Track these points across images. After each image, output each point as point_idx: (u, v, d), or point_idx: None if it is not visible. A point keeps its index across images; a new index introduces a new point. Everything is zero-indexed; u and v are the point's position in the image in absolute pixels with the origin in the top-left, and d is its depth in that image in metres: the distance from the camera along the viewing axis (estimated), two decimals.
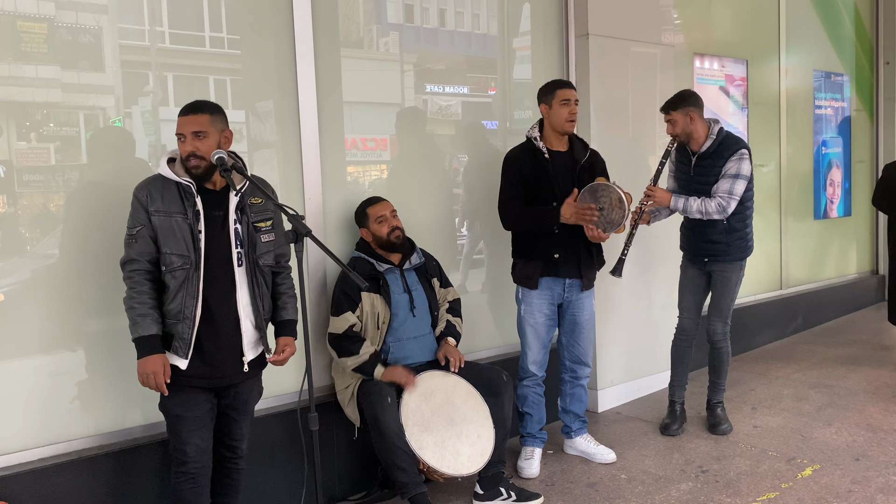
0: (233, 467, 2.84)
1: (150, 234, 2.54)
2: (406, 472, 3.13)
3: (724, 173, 3.91)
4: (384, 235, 3.42)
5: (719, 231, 4.00)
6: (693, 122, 3.95)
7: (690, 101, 3.97)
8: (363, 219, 3.48)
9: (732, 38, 6.16)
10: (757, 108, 6.38)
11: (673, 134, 4.00)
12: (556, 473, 3.80)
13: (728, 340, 4.20)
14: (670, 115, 3.97)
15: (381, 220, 3.44)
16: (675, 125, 3.97)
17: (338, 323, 3.30)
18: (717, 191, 3.91)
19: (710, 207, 3.89)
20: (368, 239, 3.47)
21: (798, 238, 6.94)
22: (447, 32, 4.30)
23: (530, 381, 3.79)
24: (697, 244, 4.11)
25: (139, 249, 2.54)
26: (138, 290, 2.52)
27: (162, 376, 2.50)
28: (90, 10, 3.00)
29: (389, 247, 3.45)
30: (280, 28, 3.44)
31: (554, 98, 3.61)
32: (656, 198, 3.93)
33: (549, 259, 3.63)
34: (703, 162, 3.99)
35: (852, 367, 5.53)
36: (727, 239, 4.01)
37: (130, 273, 2.55)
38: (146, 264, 2.54)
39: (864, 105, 7.87)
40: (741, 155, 3.90)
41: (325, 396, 3.53)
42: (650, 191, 3.95)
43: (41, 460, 2.83)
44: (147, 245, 2.54)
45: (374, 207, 3.47)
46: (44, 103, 2.90)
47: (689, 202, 3.92)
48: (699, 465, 3.82)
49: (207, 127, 2.58)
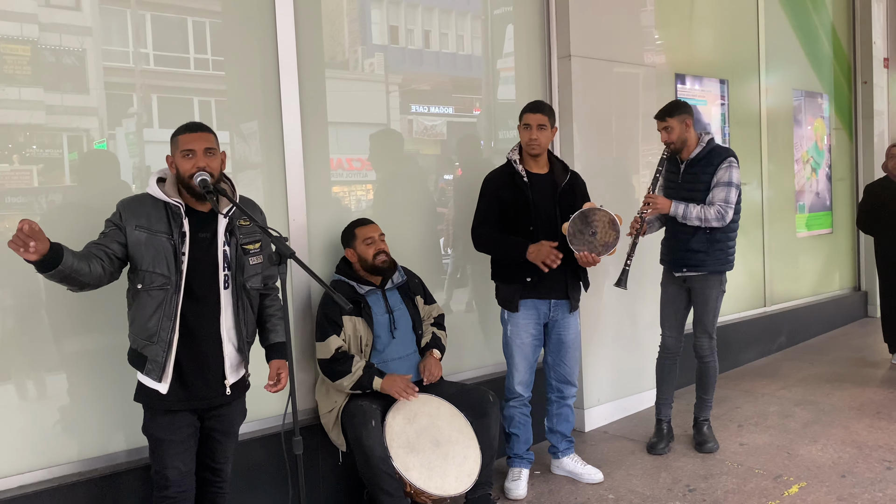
0: (217, 492, 2.80)
1: (121, 238, 2.50)
2: (392, 495, 3.10)
3: (718, 182, 3.94)
4: (369, 258, 3.40)
5: (700, 240, 4.01)
6: (688, 129, 4.00)
7: (686, 109, 4.01)
8: (350, 238, 3.47)
9: (713, 58, 6.24)
10: (738, 127, 6.46)
11: (668, 141, 4.02)
12: (543, 494, 3.78)
13: (715, 355, 4.21)
14: (667, 121, 4.00)
15: (370, 241, 3.42)
16: (672, 132, 3.99)
17: (324, 348, 3.28)
18: (714, 199, 3.93)
19: (710, 214, 3.91)
20: (353, 259, 3.45)
21: (781, 255, 7.00)
22: (432, 53, 4.33)
23: (517, 402, 3.78)
24: (677, 253, 4.11)
25: (101, 242, 2.49)
26: (83, 251, 2.42)
27: (27, 227, 2.12)
28: (74, 32, 3.00)
29: (373, 270, 3.42)
30: (264, 49, 3.45)
31: (520, 122, 3.66)
32: (658, 205, 3.94)
33: (523, 282, 3.64)
34: (691, 169, 4.03)
35: (837, 383, 5.56)
36: (707, 248, 4.01)
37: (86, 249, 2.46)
38: (101, 251, 2.45)
39: (843, 123, 7.98)
40: (731, 163, 3.95)
41: (309, 419, 3.50)
42: (650, 198, 3.95)
43: (21, 487, 2.79)
44: (112, 242, 2.48)
45: (364, 228, 3.46)
46: (27, 125, 2.89)
47: (689, 209, 3.93)
48: (686, 483, 3.82)
49: (215, 145, 2.59)
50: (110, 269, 2.48)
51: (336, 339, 3.28)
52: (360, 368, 3.25)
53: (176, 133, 2.60)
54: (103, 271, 2.45)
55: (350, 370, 3.24)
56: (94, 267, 2.41)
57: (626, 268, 3.85)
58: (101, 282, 2.47)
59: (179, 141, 2.57)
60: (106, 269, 2.46)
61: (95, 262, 2.42)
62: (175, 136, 2.60)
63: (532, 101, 3.69)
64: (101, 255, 2.45)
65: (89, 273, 2.39)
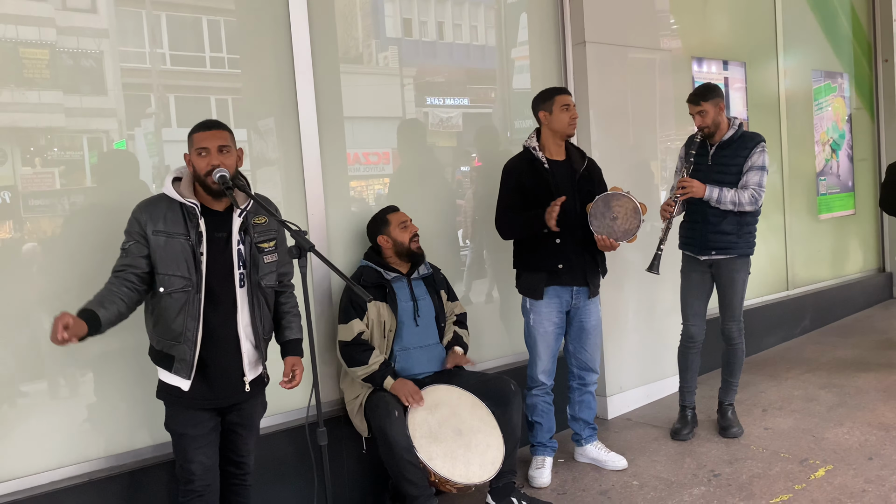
0: (240, 484, 2.84)
1: (143, 251, 2.53)
2: (416, 485, 3.12)
3: (752, 166, 3.93)
4: (406, 241, 3.45)
5: (731, 223, 3.98)
6: (721, 112, 3.99)
7: (718, 92, 4.01)
8: (383, 225, 3.48)
9: (730, 40, 6.17)
10: (757, 110, 6.39)
11: (703, 125, 4.00)
12: (567, 482, 3.79)
13: (743, 338, 4.19)
14: (701, 105, 3.98)
15: (404, 226, 3.47)
16: (706, 116, 3.97)
17: (346, 331, 3.31)
18: (748, 183, 3.92)
19: (744, 198, 3.89)
20: (387, 245, 3.46)
21: (802, 238, 6.93)
22: (445, 45, 4.33)
23: (539, 391, 3.79)
24: (705, 236, 4.06)
25: (127, 262, 2.53)
26: (111, 289, 2.48)
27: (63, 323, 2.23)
28: (91, 34, 3.03)
29: (408, 255, 3.47)
30: (279, 46, 3.47)
31: (553, 104, 3.64)
32: (693, 189, 3.92)
33: (553, 270, 3.64)
34: (722, 152, 4.01)
35: (862, 366, 5.51)
36: (738, 231, 4.00)
37: (113, 277, 2.53)
38: (131, 275, 2.51)
39: (864, 103, 7.87)
40: (763, 147, 3.95)
41: (333, 411, 3.54)
42: (685, 182, 3.92)
43: (51, 483, 2.85)
44: (136, 260, 2.52)
45: (396, 214, 3.50)
46: (47, 128, 2.93)
47: (724, 192, 3.91)
48: (711, 469, 3.81)
49: (230, 143, 2.60)
50: (143, 287, 2.55)
51: (359, 322, 3.31)
52: (377, 364, 3.27)
53: (192, 131, 2.61)
54: (137, 293, 2.54)
55: (367, 362, 3.26)
56: (130, 298, 2.50)
57: (659, 252, 3.84)
58: (138, 304, 2.57)
59: (194, 139, 2.59)
60: (140, 290, 2.54)
61: (125, 293, 2.49)
62: (191, 134, 2.61)
63: (556, 87, 3.76)
64: (129, 280, 2.51)
65: (128, 308, 2.50)
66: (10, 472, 2.80)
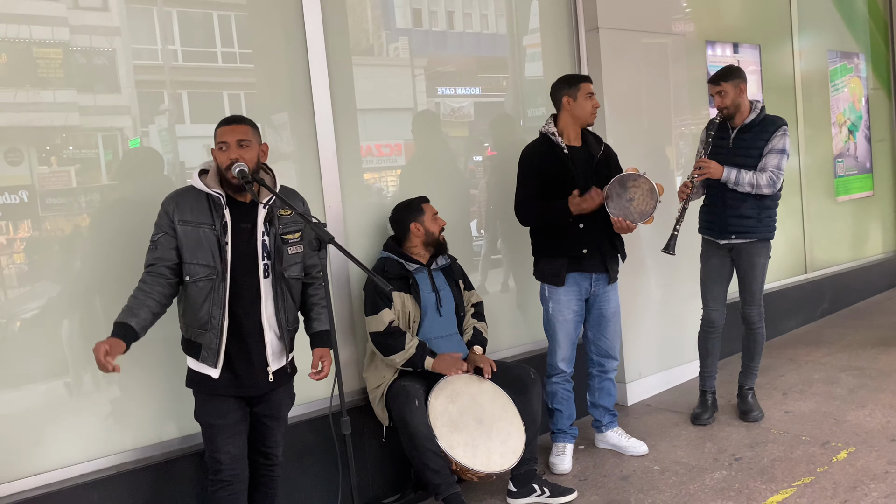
0: (268, 474, 2.87)
1: (172, 243, 2.58)
2: (438, 473, 3.14)
3: (773, 148, 3.91)
4: (436, 232, 3.49)
5: (752, 206, 3.96)
6: (741, 94, 3.96)
7: (740, 74, 3.98)
8: (416, 213, 3.49)
9: (744, 23, 6.11)
10: (772, 93, 6.33)
11: (722, 106, 3.98)
12: (588, 468, 3.79)
13: (764, 322, 4.17)
14: (721, 86, 3.96)
15: (436, 216, 3.50)
16: (726, 96, 3.95)
17: (377, 322, 3.32)
18: (767, 165, 3.90)
19: (762, 181, 3.88)
20: (418, 234, 3.47)
21: (820, 221, 6.86)
22: (456, 34, 4.32)
23: (559, 378, 3.78)
24: (725, 219, 4.03)
25: (158, 255, 2.58)
26: (142, 288, 2.57)
27: (103, 350, 2.38)
28: (103, 32, 3.05)
29: (435, 244, 3.49)
30: (291, 39, 3.47)
31: (579, 91, 3.64)
32: (711, 170, 3.90)
33: (576, 255, 3.63)
34: (743, 135, 3.99)
35: (883, 348, 5.46)
36: (758, 214, 3.97)
37: (145, 274, 2.60)
38: (163, 269, 2.57)
39: (882, 83, 7.78)
40: (785, 131, 3.93)
41: (355, 401, 3.56)
42: (702, 163, 3.91)
43: (81, 476, 2.88)
44: (166, 252, 2.58)
45: (429, 205, 3.53)
46: (62, 127, 2.95)
47: (742, 174, 3.89)
48: (732, 453, 3.79)
49: (250, 137, 2.63)
50: (175, 279, 2.61)
51: (388, 312, 3.32)
52: (414, 346, 3.29)
53: (217, 126, 2.67)
54: (170, 288, 2.61)
55: (403, 347, 3.28)
56: (162, 294, 2.58)
57: (675, 233, 3.83)
58: (174, 296, 2.65)
59: (217, 134, 2.64)
60: (173, 283, 2.61)
61: (157, 291, 2.57)
62: (215, 129, 2.67)
63: (579, 74, 3.78)
64: (163, 270, 2.57)
65: (161, 306, 2.59)
66: (40, 465, 2.84)
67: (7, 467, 2.78)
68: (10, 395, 2.81)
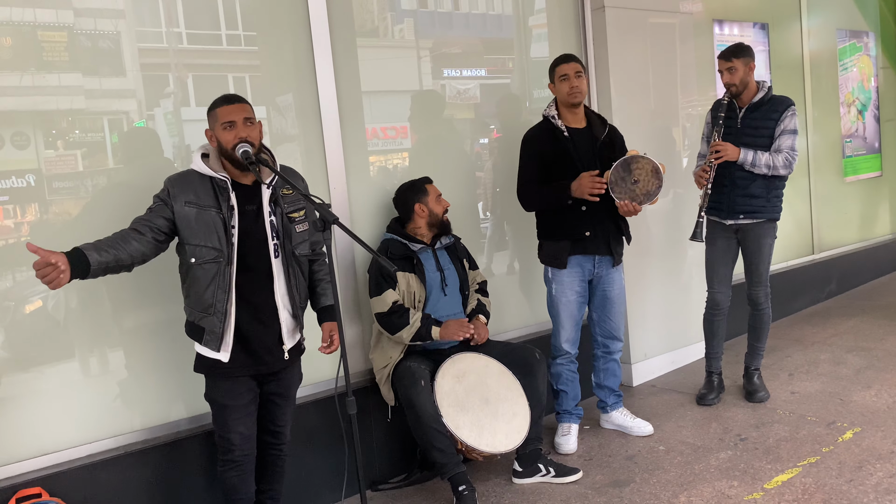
0: (277, 454, 2.90)
1: (167, 213, 2.55)
2: (444, 452, 3.16)
3: (784, 129, 3.91)
4: (440, 213, 3.50)
5: (760, 186, 3.95)
6: (750, 72, 3.95)
7: (750, 52, 3.97)
8: (421, 194, 3.50)
9: (752, 2, 6.05)
10: (780, 72, 6.28)
11: (731, 83, 3.96)
12: (593, 448, 3.81)
13: (770, 303, 4.17)
14: (731, 62, 3.93)
15: (440, 197, 3.52)
16: (735, 73, 3.93)
17: (380, 303, 3.34)
18: (782, 147, 3.89)
19: (779, 162, 3.87)
20: (422, 214, 3.48)
21: (828, 201, 6.83)
22: (461, 15, 4.29)
23: (564, 359, 3.80)
24: (733, 199, 4.02)
25: (145, 217, 2.55)
26: (114, 235, 2.47)
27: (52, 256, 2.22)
28: (108, 15, 3.04)
29: (440, 225, 3.51)
30: (296, 22, 3.46)
31: (555, 75, 3.65)
32: (728, 152, 3.88)
33: (578, 238, 3.63)
34: (752, 114, 3.97)
35: (890, 329, 5.45)
36: (767, 194, 3.97)
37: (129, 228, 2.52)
38: (143, 226, 2.51)
39: (891, 62, 7.70)
40: (794, 111, 3.92)
41: (361, 381, 3.58)
42: (719, 146, 3.89)
43: (89, 456, 2.92)
44: (154, 217, 2.54)
45: (433, 186, 3.54)
46: (68, 111, 2.96)
47: (758, 155, 3.88)
48: (737, 433, 3.80)
49: (253, 115, 2.63)
50: (155, 240, 2.53)
51: (392, 292, 3.34)
52: (418, 320, 3.31)
53: (213, 106, 2.63)
54: (145, 246, 2.50)
55: (408, 322, 3.30)
56: (133, 246, 2.46)
57: (700, 220, 3.84)
58: (146, 256, 2.53)
59: (218, 114, 2.60)
60: (149, 243, 2.51)
61: (133, 240, 2.47)
62: (212, 110, 2.63)
63: (560, 55, 3.69)
64: (143, 229, 2.51)
65: (129, 255, 2.45)
66: (49, 445, 2.87)
67: (16, 448, 2.81)
68: (19, 377, 2.84)
